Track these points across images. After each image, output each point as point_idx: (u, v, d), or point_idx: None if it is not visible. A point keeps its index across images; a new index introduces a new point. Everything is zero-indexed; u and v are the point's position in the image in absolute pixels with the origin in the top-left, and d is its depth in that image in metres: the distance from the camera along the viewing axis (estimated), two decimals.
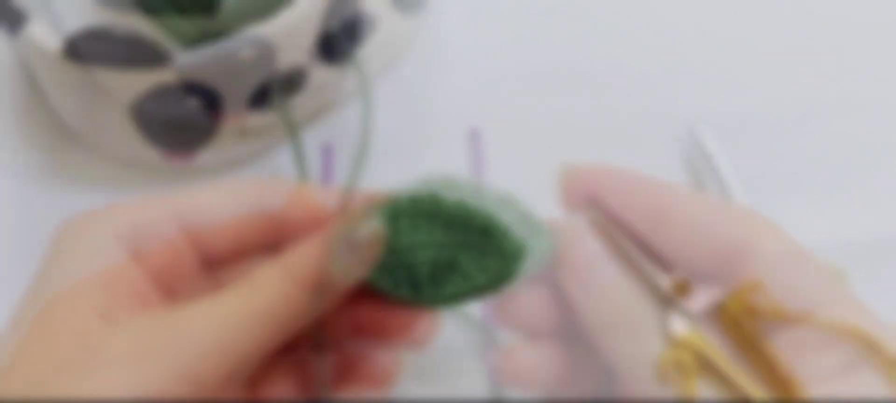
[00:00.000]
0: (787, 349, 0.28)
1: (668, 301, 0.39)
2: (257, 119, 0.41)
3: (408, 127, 0.45)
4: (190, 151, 0.41)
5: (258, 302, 0.27)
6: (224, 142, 0.41)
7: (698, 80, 0.48)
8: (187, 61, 0.36)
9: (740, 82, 0.48)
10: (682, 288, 0.39)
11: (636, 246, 0.40)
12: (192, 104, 0.38)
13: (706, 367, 0.38)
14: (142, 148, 0.41)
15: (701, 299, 0.39)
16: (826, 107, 0.47)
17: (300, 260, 0.28)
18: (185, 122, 0.39)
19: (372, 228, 0.28)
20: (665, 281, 0.40)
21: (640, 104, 0.47)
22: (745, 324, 0.39)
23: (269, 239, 0.31)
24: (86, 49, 0.35)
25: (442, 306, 0.30)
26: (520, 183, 0.32)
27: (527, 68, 0.47)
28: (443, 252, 0.29)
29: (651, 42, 0.50)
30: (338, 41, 0.42)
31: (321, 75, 0.42)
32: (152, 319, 0.26)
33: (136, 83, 0.36)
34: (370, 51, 0.41)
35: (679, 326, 0.39)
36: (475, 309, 0.39)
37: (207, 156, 0.42)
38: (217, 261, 0.31)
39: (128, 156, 0.43)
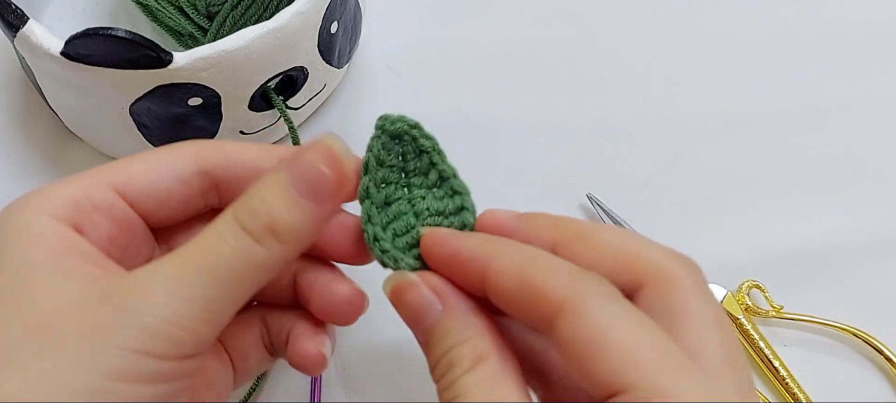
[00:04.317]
0: None
1: None
2: (257, 119, 0.41)
3: None
4: None
5: (207, 260, 0.24)
6: None
7: (697, 81, 0.48)
8: (187, 61, 0.36)
9: (740, 82, 0.48)
10: None
11: None
12: (193, 104, 0.38)
13: None
14: (142, 148, 0.41)
15: None
16: (825, 107, 0.47)
17: (251, 207, 0.25)
18: (185, 122, 0.39)
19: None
20: None
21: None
22: (742, 323, 0.39)
23: (215, 202, 0.29)
24: (86, 49, 0.35)
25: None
26: None
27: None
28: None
29: (652, 44, 0.50)
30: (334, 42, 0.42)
31: (321, 75, 0.42)
32: (100, 293, 0.24)
33: (136, 83, 0.36)
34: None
35: None
36: None
37: None
38: (168, 229, 0.29)
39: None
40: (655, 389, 0.22)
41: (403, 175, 0.29)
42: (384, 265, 0.28)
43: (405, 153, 0.29)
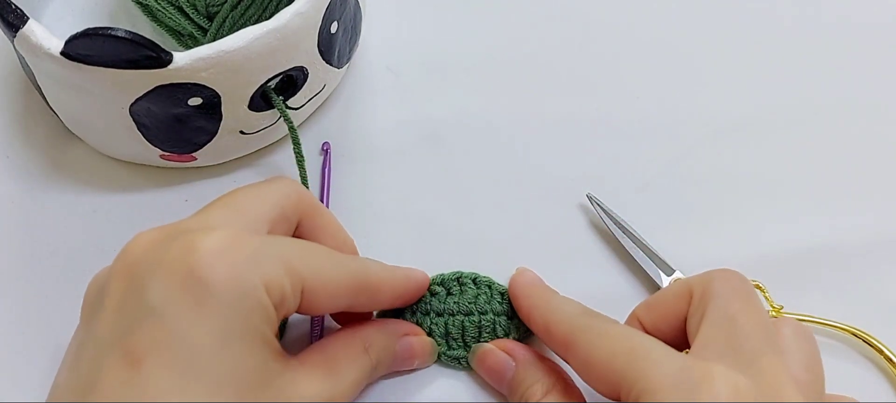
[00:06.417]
0: None
1: None
2: (257, 119, 0.41)
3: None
4: (190, 151, 0.41)
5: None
6: (224, 142, 0.41)
7: (698, 81, 0.48)
8: (187, 61, 0.36)
9: (740, 82, 0.48)
10: None
11: (639, 247, 0.40)
12: (193, 104, 0.38)
13: None
14: (142, 148, 0.41)
15: None
16: (826, 107, 0.47)
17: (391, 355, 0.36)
18: (185, 122, 0.39)
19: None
20: (665, 282, 0.40)
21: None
22: None
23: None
24: (86, 49, 0.35)
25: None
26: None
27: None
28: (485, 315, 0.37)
29: (652, 44, 0.50)
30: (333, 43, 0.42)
31: (321, 75, 0.42)
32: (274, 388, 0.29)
33: (136, 83, 0.36)
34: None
35: None
36: None
37: (207, 156, 0.42)
38: None
39: (128, 156, 0.43)
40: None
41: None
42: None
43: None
